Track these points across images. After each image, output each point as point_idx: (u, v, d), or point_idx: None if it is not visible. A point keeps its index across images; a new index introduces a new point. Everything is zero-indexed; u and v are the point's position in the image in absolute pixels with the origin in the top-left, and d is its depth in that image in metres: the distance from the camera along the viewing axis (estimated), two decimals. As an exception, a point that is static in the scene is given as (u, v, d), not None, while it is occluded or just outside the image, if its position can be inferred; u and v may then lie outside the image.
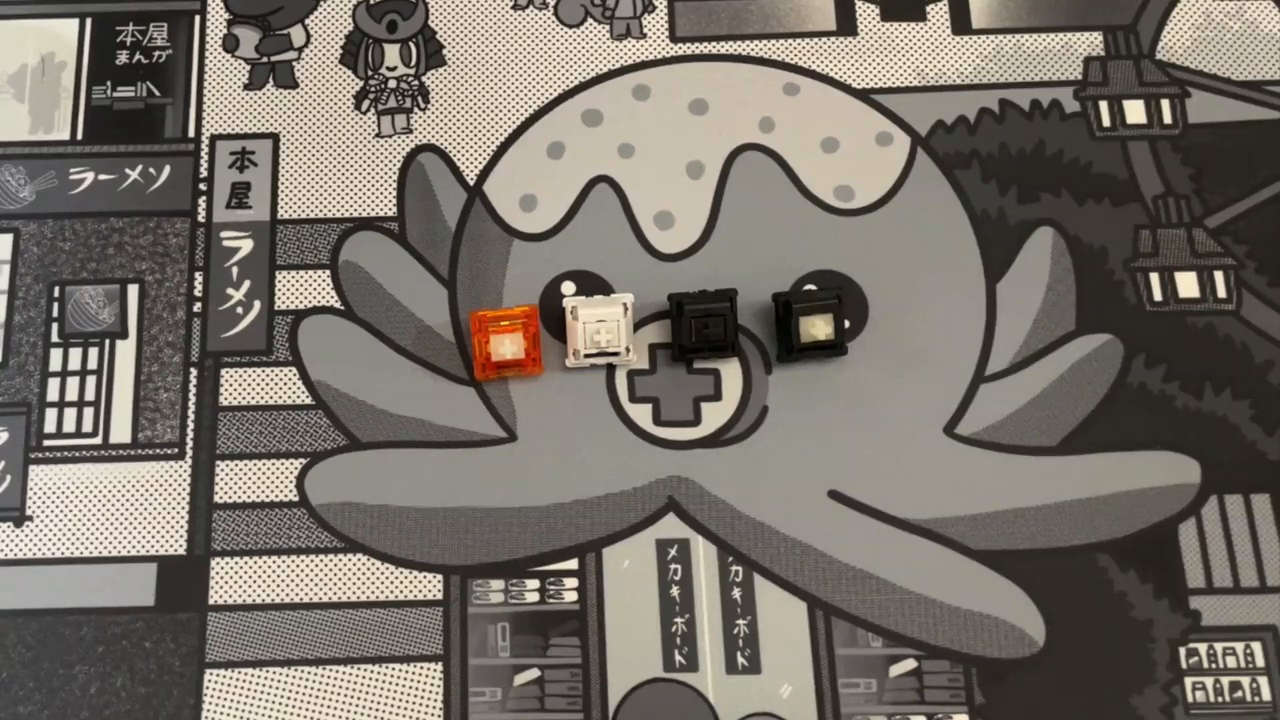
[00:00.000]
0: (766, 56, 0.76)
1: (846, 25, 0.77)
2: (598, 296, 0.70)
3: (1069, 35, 0.77)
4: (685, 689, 0.65)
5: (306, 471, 0.69)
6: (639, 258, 0.72)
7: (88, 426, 0.70)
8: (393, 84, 0.76)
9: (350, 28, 0.78)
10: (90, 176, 0.74)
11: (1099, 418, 0.69)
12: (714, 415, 0.70)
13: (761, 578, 0.67)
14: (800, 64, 0.76)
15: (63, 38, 0.77)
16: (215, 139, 0.75)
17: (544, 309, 0.71)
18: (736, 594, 0.67)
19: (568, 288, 0.72)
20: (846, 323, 0.70)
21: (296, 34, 0.77)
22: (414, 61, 0.77)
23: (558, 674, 0.66)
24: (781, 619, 0.66)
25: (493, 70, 0.76)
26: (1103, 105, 0.75)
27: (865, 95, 0.76)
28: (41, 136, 0.75)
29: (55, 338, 0.71)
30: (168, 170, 0.75)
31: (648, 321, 0.71)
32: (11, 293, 0.72)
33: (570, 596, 0.67)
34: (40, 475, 0.69)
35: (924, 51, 0.76)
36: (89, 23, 0.78)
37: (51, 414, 0.70)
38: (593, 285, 0.72)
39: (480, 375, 0.69)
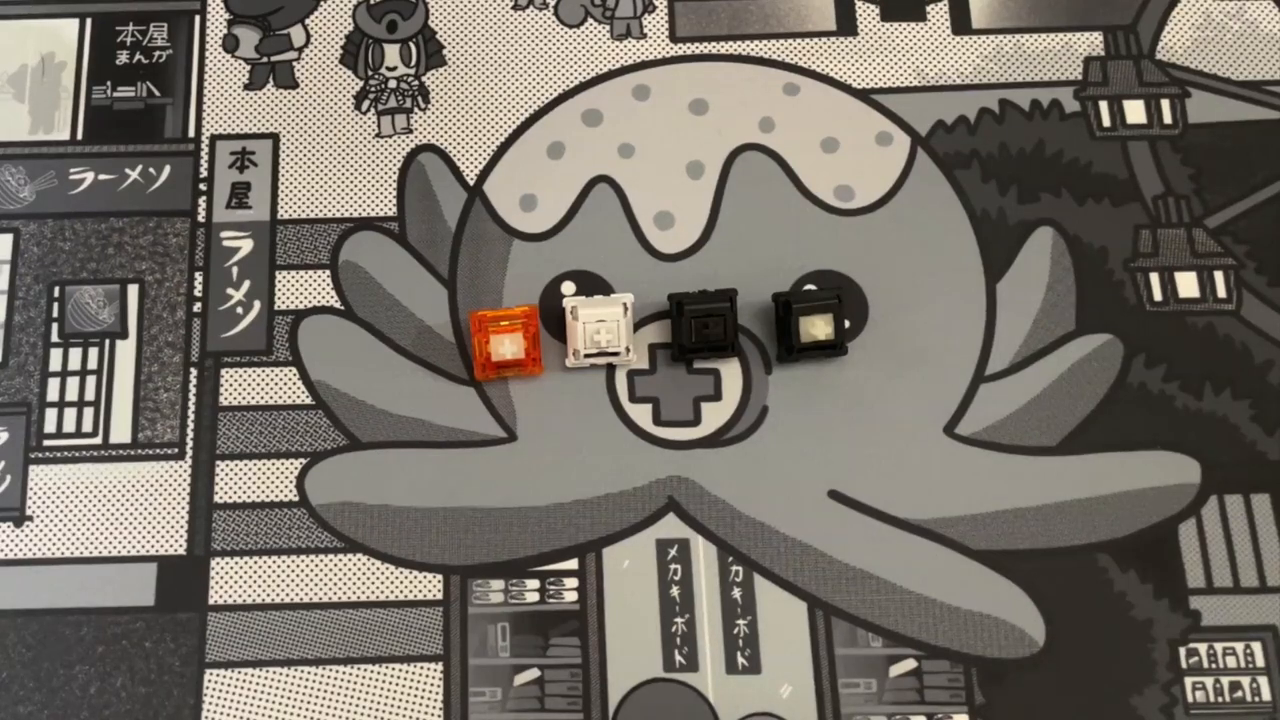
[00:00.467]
0: (766, 56, 0.76)
1: (846, 25, 0.77)
2: (598, 296, 0.70)
3: (1069, 35, 0.77)
4: (685, 689, 0.65)
5: (306, 471, 0.69)
6: (639, 258, 0.72)
7: (88, 426, 0.70)
8: (393, 84, 0.76)
9: (350, 28, 0.78)
10: (90, 176, 0.74)
11: (1099, 418, 0.69)
12: (714, 415, 0.70)
13: (761, 578, 0.67)
14: (800, 64, 0.76)
15: (63, 38, 0.77)
16: (215, 139, 0.75)
17: (544, 309, 0.71)
18: (736, 594, 0.67)
19: (568, 288, 0.72)
20: (846, 323, 0.70)
21: (296, 34, 0.77)
22: (414, 61, 0.77)
23: (558, 674, 0.66)
24: (781, 619, 0.66)
25: (493, 70, 0.76)
26: (1103, 105, 0.75)
27: (865, 95, 0.76)
28: (41, 136, 0.75)
29: (55, 338, 0.71)
30: (168, 170, 0.75)
31: (648, 321, 0.71)
32: (11, 293, 0.72)
33: (570, 596, 0.67)
34: (40, 475, 0.69)
35: (924, 51, 0.76)
36: (89, 23, 0.78)
37: (51, 414, 0.70)
38: (593, 285, 0.72)
39: (480, 375, 0.69)
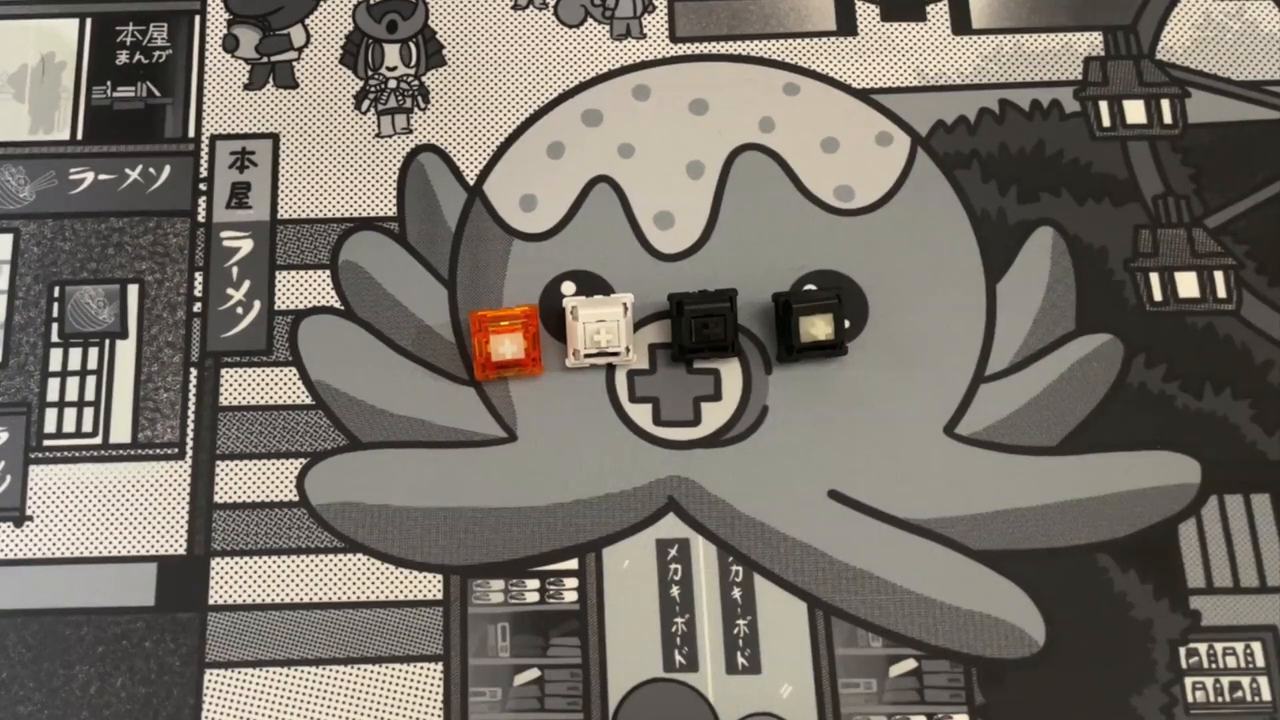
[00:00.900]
0: (766, 56, 0.76)
1: (846, 25, 0.77)
2: (598, 296, 0.70)
3: (1069, 35, 0.77)
4: (685, 689, 0.65)
5: (306, 471, 0.69)
6: (639, 258, 0.72)
7: (88, 426, 0.70)
8: (393, 84, 0.76)
9: (350, 28, 0.78)
10: (90, 176, 0.74)
11: (1099, 418, 0.69)
12: (714, 415, 0.70)
13: (761, 578, 0.67)
14: (800, 64, 0.76)
15: (63, 38, 0.77)
16: (215, 139, 0.75)
17: (544, 309, 0.71)
18: (736, 594, 0.67)
19: (568, 288, 0.72)
20: (846, 323, 0.70)
21: (296, 34, 0.77)
22: (414, 61, 0.77)
23: (558, 674, 0.66)
24: (781, 619, 0.66)
25: (493, 70, 0.76)
26: (1103, 105, 0.75)
27: (865, 95, 0.76)
28: (41, 136, 0.75)
29: (55, 338, 0.71)
30: (168, 170, 0.75)
31: (648, 321, 0.71)
32: (11, 293, 0.72)
33: (570, 596, 0.67)
34: (40, 475, 0.69)
35: (924, 51, 0.76)
36: (89, 23, 0.78)
37: (51, 414, 0.70)
38: (593, 285, 0.72)
39: (480, 375, 0.69)
